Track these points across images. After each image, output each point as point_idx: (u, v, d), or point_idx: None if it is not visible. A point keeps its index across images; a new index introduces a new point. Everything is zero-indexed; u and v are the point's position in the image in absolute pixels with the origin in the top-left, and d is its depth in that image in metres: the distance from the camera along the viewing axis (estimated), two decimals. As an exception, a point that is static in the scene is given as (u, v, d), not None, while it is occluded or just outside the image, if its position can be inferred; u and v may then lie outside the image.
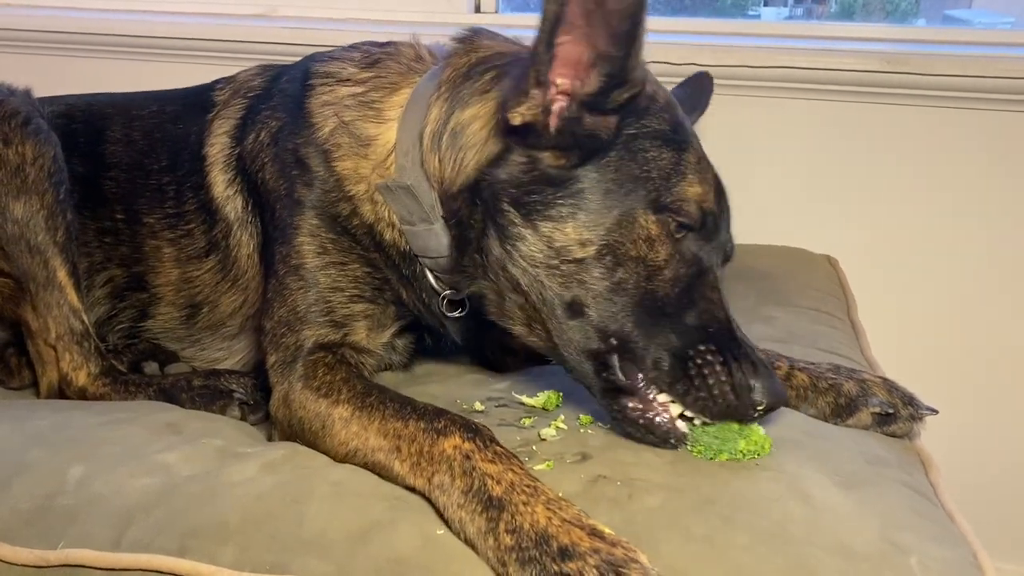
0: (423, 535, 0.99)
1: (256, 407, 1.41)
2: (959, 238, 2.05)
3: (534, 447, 1.15)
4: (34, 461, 1.14)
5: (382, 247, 1.34)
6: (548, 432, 1.18)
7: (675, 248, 1.15)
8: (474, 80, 1.25)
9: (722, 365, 1.10)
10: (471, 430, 1.07)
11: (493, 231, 1.19)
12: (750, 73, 2.05)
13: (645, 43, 1.11)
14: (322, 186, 1.35)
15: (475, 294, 1.26)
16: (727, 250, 1.24)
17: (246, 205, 1.47)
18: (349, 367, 1.29)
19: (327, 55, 1.46)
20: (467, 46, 1.31)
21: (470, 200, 1.21)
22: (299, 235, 1.35)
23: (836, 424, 1.25)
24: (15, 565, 1.02)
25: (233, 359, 1.57)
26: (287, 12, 2.44)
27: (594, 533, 0.93)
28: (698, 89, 1.65)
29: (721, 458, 1.10)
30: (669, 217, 1.14)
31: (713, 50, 2.05)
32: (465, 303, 1.32)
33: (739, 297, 1.69)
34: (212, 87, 1.61)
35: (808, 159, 2.10)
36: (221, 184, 1.49)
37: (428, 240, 1.28)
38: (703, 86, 1.66)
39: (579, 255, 1.14)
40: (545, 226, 1.15)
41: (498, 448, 1.05)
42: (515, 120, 1.15)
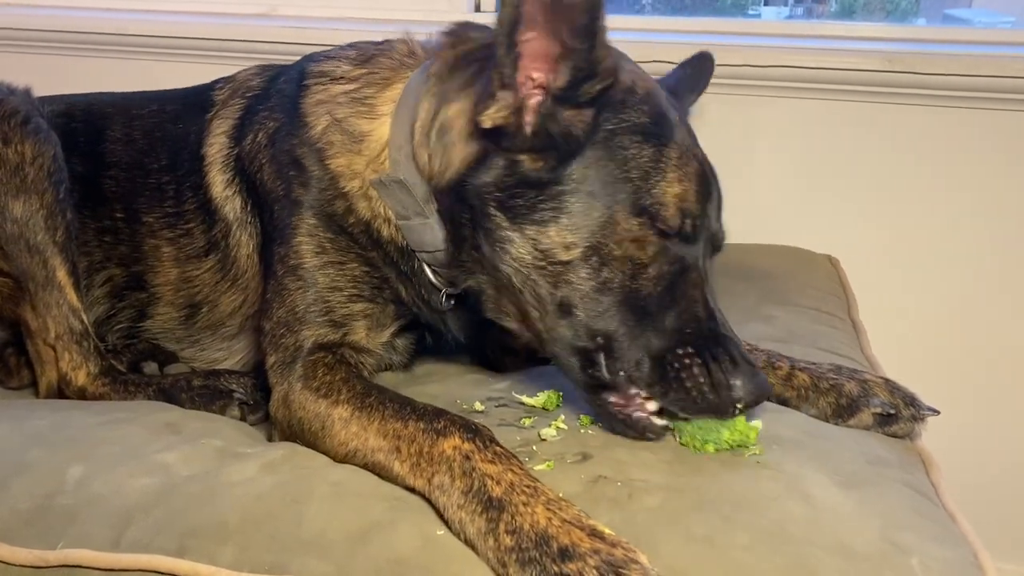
0: (423, 535, 0.99)
1: (256, 407, 1.40)
2: (959, 237, 2.04)
3: (534, 447, 1.15)
4: (33, 461, 1.13)
5: (379, 244, 1.34)
6: (548, 432, 1.18)
7: (658, 247, 1.15)
8: (459, 74, 1.25)
9: (700, 367, 1.10)
10: (471, 430, 1.07)
11: (482, 233, 1.19)
12: (750, 73, 2.04)
13: (607, 34, 1.11)
14: (317, 185, 1.35)
15: (472, 289, 1.26)
16: (716, 241, 1.23)
17: (245, 205, 1.47)
18: (349, 367, 1.28)
19: (323, 54, 1.46)
20: (454, 39, 1.30)
21: (459, 199, 1.21)
22: (297, 235, 1.35)
23: (837, 424, 1.25)
24: (14, 565, 1.02)
25: (233, 359, 1.57)
26: (287, 11, 2.44)
27: (594, 533, 0.93)
28: (698, 70, 1.59)
29: (708, 449, 1.12)
30: (649, 219, 1.14)
31: (713, 49, 2.02)
32: (464, 298, 1.32)
33: (739, 296, 1.70)
34: (212, 87, 1.61)
35: (808, 158, 2.10)
36: (219, 184, 1.49)
37: (424, 234, 1.28)
38: (704, 67, 1.60)
39: (564, 257, 1.14)
40: (530, 230, 1.15)
41: (498, 448, 1.04)
42: (485, 123, 1.15)
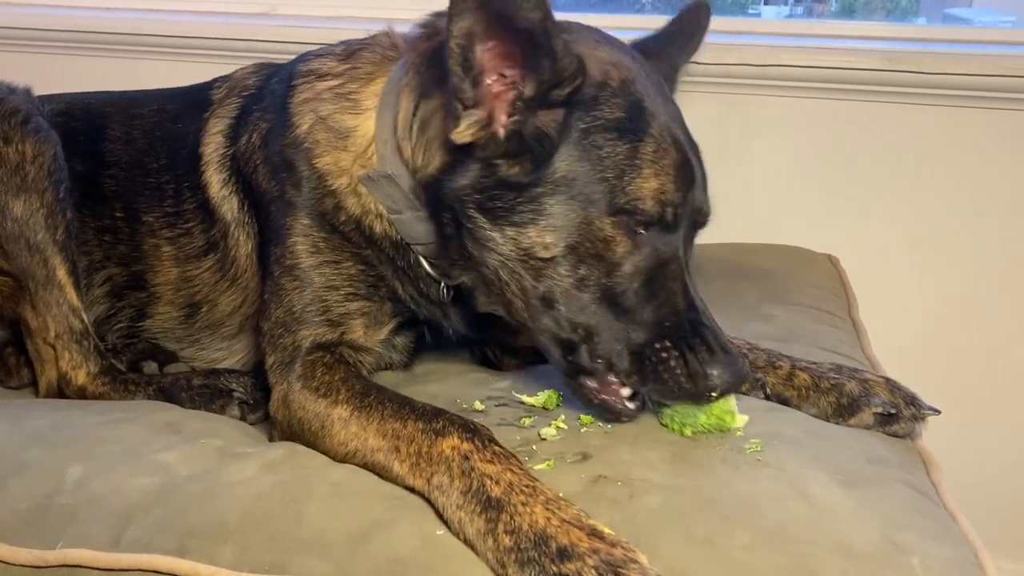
0: (423, 535, 0.99)
1: (256, 406, 1.40)
2: (960, 236, 2.04)
3: (534, 447, 1.15)
4: (33, 460, 1.13)
5: (373, 241, 1.34)
6: (548, 432, 1.18)
7: (634, 244, 1.15)
8: (437, 67, 1.22)
9: (677, 358, 1.12)
10: (469, 430, 1.07)
11: (465, 231, 1.20)
12: (750, 72, 2.04)
13: (562, 33, 1.11)
14: (308, 185, 1.35)
15: (465, 285, 1.28)
16: (701, 216, 1.22)
17: (242, 206, 1.47)
18: (348, 367, 1.28)
19: (313, 53, 1.45)
20: (430, 31, 1.30)
21: (439, 199, 1.22)
22: (292, 235, 1.35)
23: (838, 424, 1.24)
24: (13, 565, 1.02)
25: (232, 359, 1.57)
26: (287, 11, 2.44)
27: (593, 533, 0.92)
28: (691, 25, 1.41)
29: (687, 432, 1.16)
30: (626, 217, 1.14)
31: (713, 49, 2.03)
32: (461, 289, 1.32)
33: (740, 296, 1.70)
34: (210, 85, 1.61)
35: (808, 157, 2.10)
36: (216, 184, 1.49)
37: (417, 228, 1.28)
38: (697, 22, 1.41)
39: (545, 255, 1.16)
40: (510, 231, 1.16)
41: (497, 448, 1.04)
42: (459, 140, 1.15)
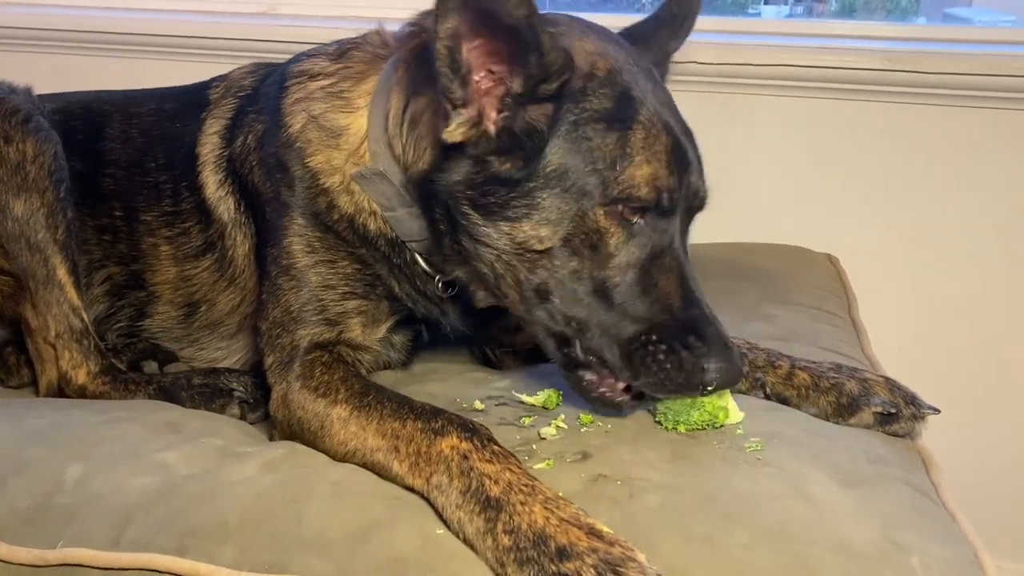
0: (423, 534, 0.99)
1: (256, 405, 1.40)
2: (960, 236, 2.04)
3: (534, 446, 1.15)
4: (32, 459, 1.13)
5: (368, 239, 1.34)
6: (548, 431, 1.18)
7: (628, 235, 1.15)
8: (426, 65, 1.21)
9: (668, 353, 1.12)
10: (468, 430, 1.07)
11: (459, 227, 1.20)
12: (750, 71, 2.04)
13: (548, 28, 1.11)
14: (301, 184, 1.35)
15: (460, 279, 1.29)
16: (698, 200, 1.22)
17: (238, 206, 1.47)
18: (346, 366, 1.28)
19: (306, 53, 1.46)
20: (418, 28, 1.30)
21: (431, 195, 1.22)
22: (287, 236, 1.35)
23: (838, 423, 1.24)
24: (13, 564, 1.02)
25: (232, 358, 1.57)
26: (287, 10, 2.44)
27: (592, 532, 0.92)
28: (681, 10, 1.41)
29: (680, 429, 1.16)
30: (620, 206, 1.14)
31: (714, 48, 2.04)
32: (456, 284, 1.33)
33: (740, 296, 1.70)
34: (208, 85, 1.61)
35: (808, 157, 2.10)
36: (213, 185, 1.49)
37: (411, 224, 1.28)
38: (688, 7, 1.41)
39: (539, 248, 1.16)
40: (504, 225, 1.17)
41: (496, 448, 1.04)
42: (450, 139, 1.15)
